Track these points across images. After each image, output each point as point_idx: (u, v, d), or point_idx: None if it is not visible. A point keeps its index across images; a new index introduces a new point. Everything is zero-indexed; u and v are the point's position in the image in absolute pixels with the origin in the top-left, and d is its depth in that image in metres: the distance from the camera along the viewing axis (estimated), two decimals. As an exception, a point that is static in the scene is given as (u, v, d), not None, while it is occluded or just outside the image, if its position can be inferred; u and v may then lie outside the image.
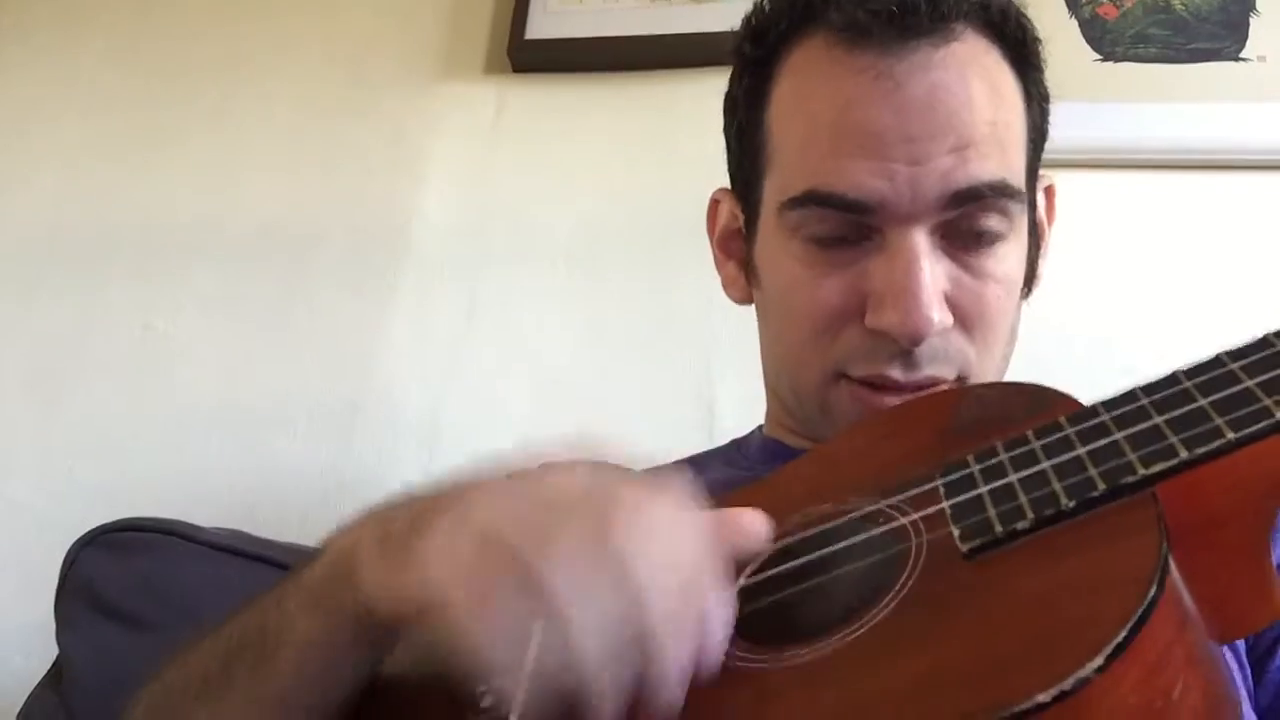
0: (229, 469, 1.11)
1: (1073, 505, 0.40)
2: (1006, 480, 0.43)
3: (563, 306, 1.15)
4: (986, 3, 0.64)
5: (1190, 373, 0.43)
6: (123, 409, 1.15)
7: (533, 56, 1.24)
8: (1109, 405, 0.44)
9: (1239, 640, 0.60)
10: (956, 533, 0.42)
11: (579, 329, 1.14)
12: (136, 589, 0.84)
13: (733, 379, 1.07)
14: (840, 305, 0.63)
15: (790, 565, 0.47)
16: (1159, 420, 0.41)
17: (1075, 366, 0.97)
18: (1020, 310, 0.69)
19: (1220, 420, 0.40)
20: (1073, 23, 1.14)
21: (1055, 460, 0.43)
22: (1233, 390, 0.41)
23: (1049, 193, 0.74)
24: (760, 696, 0.42)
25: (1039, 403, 0.49)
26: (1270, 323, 0.43)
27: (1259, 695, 0.61)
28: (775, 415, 0.76)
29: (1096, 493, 0.40)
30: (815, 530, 0.49)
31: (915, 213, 0.61)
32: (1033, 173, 0.69)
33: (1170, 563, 0.36)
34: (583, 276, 1.16)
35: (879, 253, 0.62)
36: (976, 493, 0.44)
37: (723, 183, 0.77)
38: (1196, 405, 0.41)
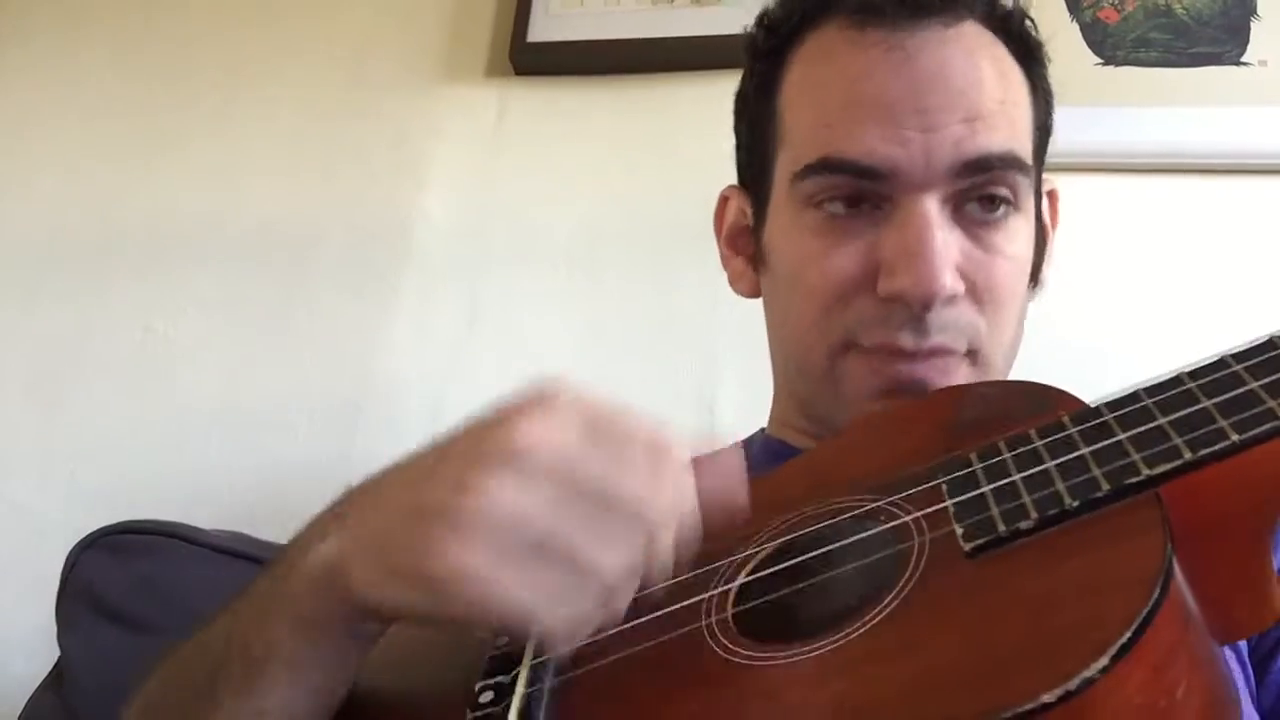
0: (230, 471, 1.11)
1: (1076, 505, 0.40)
2: (1009, 479, 0.43)
3: (563, 308, 1.15)
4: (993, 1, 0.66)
5: (1194, 374, 0.43)
6: (124, 411, 1.15)
7: (534, 59, 1.24)
8: (1112, 406, 0.44)
9: (1241, 641, 0.61)
10: (960, 531, 0.42)
11: (580, 331, 1.14)
12: (138, 591, 0.84)
13: (733, 381, 1.07)
14: (852, 274, 0.63)
15: (791, 563, 0.47)
16: (1163, 421, 0.41)
17: (1075, 368, 0.97)
18: (1028, 299, 0.69)
19: (1225, 422, 0.40)
20: (1074, 27, 1.14)
21: (1059, 460, 0.43)
22: (1237, 392, 0.41)
23: (1052, 197, 0.74)
24: (761, 694, 0.41)
25: (1041, 402, 0.48)
26: (1272, 326, 0.43)
27: (1261, 696, 0.61)
28: (780, 414, 0.76)
29: (1100, 493, 0.40)
30: (816, 528, 0.49)
31: (928, 180, 0.61)
32: (1038, 164, 0.69)
33: (1174, 564, 0.36)
34: (584, 278, 1.16)
35: (890, 221, 0.62)
36: (979, 491, 0.44)
37: (723, 186, 0.77)
38: (1201, 407, 0.41)
